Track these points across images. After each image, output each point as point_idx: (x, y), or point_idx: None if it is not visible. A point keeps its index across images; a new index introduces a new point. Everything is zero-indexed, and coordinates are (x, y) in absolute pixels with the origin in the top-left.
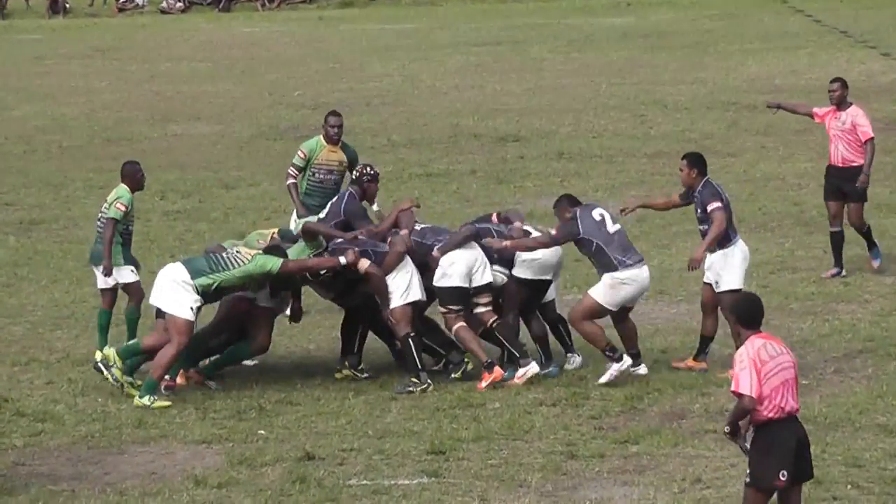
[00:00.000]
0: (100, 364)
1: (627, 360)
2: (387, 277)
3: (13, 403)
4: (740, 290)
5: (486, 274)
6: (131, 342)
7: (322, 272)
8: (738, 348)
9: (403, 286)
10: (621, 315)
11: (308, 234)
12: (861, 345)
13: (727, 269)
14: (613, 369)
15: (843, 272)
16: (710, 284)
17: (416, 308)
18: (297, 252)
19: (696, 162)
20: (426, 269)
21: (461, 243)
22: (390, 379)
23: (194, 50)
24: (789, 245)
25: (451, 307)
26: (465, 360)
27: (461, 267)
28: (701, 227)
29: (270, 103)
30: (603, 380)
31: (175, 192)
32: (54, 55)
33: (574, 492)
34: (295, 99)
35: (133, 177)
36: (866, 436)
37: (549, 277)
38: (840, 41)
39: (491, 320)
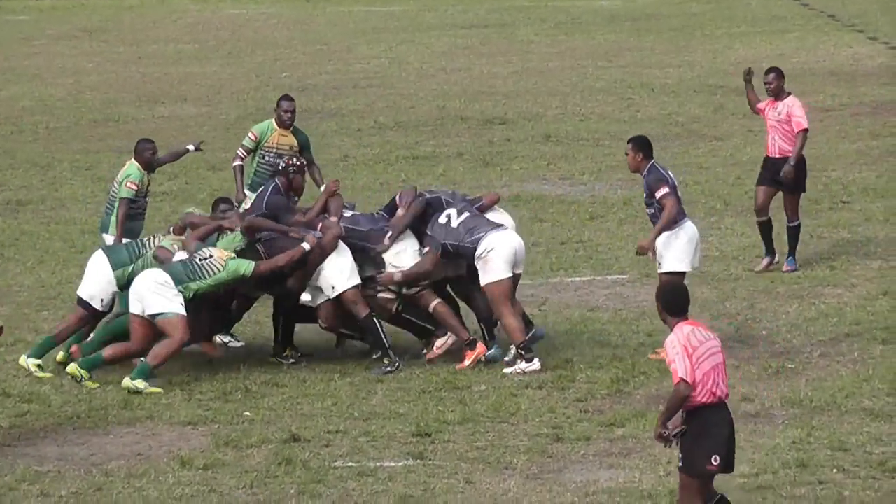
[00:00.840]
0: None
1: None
2: (328, 261)
3: None
4: (682, 272)
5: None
6: (94, 341)
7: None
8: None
9: (347, 269)
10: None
11: (251, 231)
12: (847, 328)
13: (669, 251)
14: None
15: (777, 259)
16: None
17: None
18: (226, 244)
19: (642, 146)
20: (364, 254)
21: (409, 224)
22: (375, 363)
23: (181, 31)
24: (775, 229)
25: (420, 284)
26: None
27: (415, 245)
28: (648, 211)
29: (257, 85)
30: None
31: (161, 173)
32: (41, 36)
33: (560, 474)
34: (282, 81)
35: (142, 154)
36: (852, 420)
37: (519, 271)
38: (827, 25)
39: (434, 302)
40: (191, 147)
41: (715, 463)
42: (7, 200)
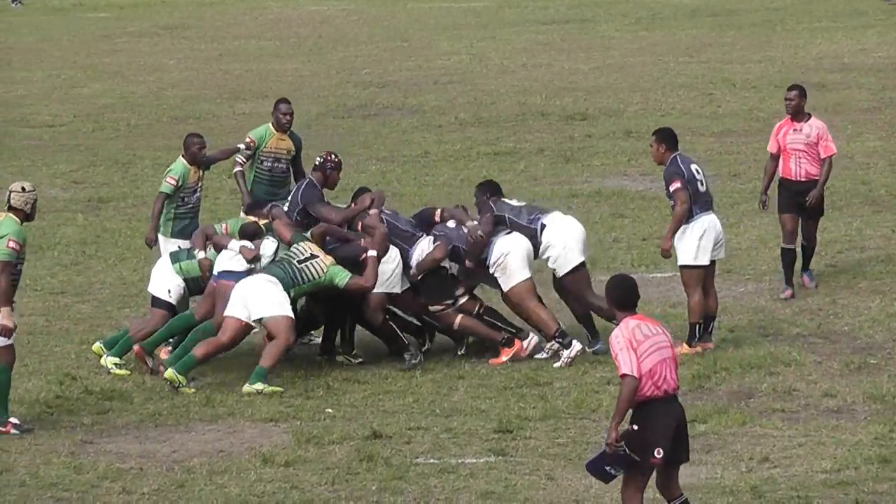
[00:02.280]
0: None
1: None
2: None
3: (81, 381)
4: (697, 266)
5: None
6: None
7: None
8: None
9: (388, 274)
10: None
11: (322, 239)
12: None
13: (681, 244)
14: (565, 356)
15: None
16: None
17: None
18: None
19: (666, 137)
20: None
21: (434, 266)
22: (457, 358)
23: (262, 28)
24: (857, 224)
25: (445, 303)
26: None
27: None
28: (670, 203)
29: (338, 82)
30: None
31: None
32: (123, 33)
33: None
34: (362, 77)
35: (188, 149)
36: None
37: (581, 259)
38: None
39: (476, 307)
40: (241, 146)
41: (658, 456)
42: (89, 198)
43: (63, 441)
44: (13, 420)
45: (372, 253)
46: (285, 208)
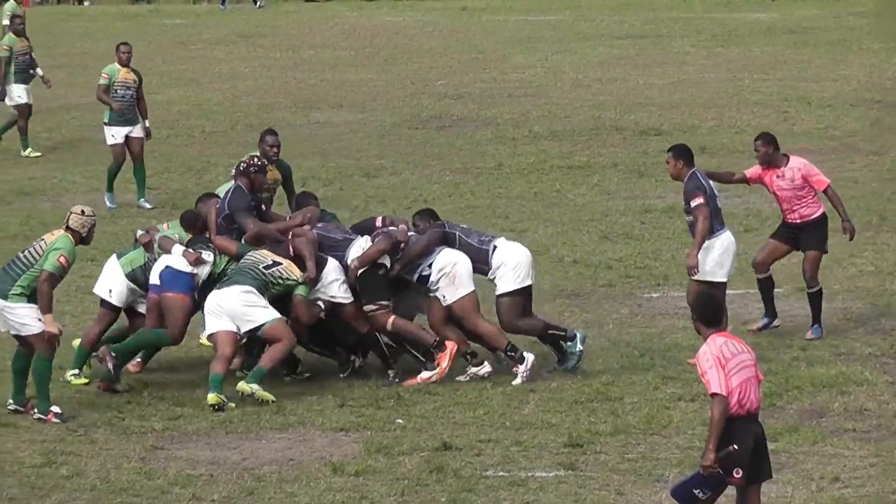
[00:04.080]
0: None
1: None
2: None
3: (153, 388)
4: (718, 283)
5: None
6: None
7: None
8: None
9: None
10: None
11: (257, 242)
12: None
13: (703, 261)
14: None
15: (777, 322)
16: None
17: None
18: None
19: (682, 153)
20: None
21: (378, 257)
22: (532, 370)
23: (338, 38)
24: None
25: (380, 303)
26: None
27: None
28: (687, 218)
29: (412, 92)
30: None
31: (316, 179)
32: (198, 40)
33: None
34: (437, 88)
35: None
36: None
37: (530, 282)
38: None
39: (390, 319)
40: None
41: (737, 476)
42: (163, 203)
43: (134, 446)
44: (55, 409)
45: (302, 250)
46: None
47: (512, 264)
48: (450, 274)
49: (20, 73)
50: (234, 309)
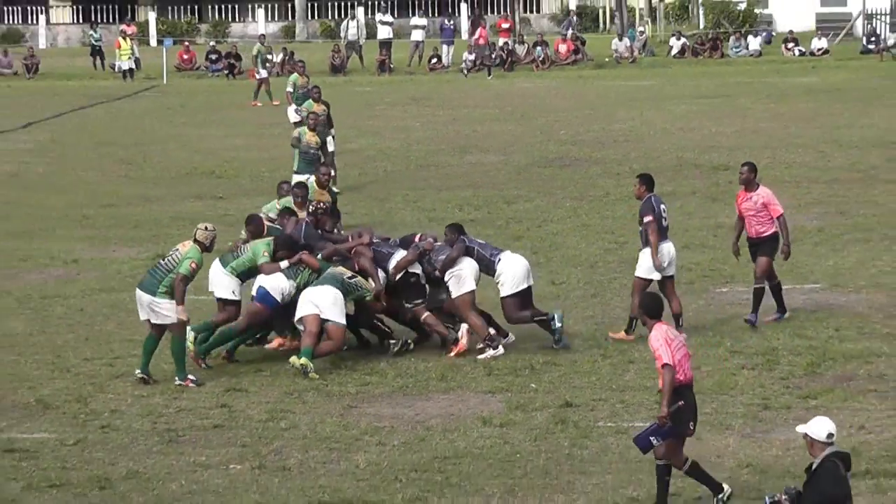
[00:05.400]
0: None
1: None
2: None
3: (347, 361)
4: (646, 279)
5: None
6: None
7: None
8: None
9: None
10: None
11: (329, 259)
12: None
13: (644, 261)
14: (490, 353)
15: (787, 314)
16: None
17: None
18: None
19: (646, 181)
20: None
21: (407, 266)
22: (631, 347)
23: (486, 99)
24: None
25: (416, 301)
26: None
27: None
28: (640, 228)
29: (541, 140)
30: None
31: (469, 205)
32: (381, 102)
33: (767, 434)
34: (560, 136)
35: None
36: None
37: (528, 284)
38: None
39: (424, 315)
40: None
41: (691, 428)
42: (354, 225)
43: (335, 405)
44: (191, 377)
45: (366, 266)
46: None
47: (510, 273)
48: (458, 276)
49: (308, 164)
50: (324, 301)
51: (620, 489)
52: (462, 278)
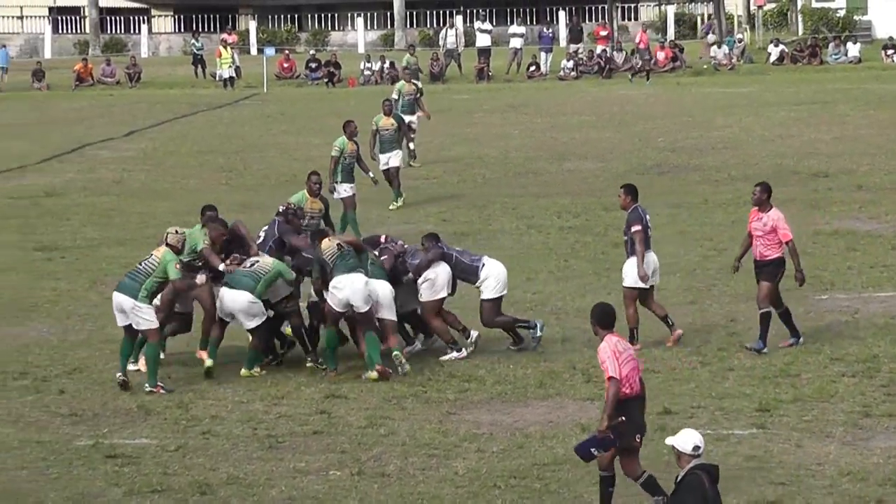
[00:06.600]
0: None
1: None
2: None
3: (444, 366)
4: (633, 288)
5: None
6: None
7: None
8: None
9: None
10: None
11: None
12: None
13: (627, 271)
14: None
15: (802, 340)
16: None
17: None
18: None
19: (631, 191)
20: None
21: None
22: (731, 354)
23: (583, 107)
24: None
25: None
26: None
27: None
28: (624, 238)
29: (639, 147)
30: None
31: (568, 213)
32: (479, 110)
33: (868, 442)
34: (658, 143)
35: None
36: None
37: (505, 292)
38: None
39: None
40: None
41: (638, 440)
42: (454, 232)
43: (434, 412)
44: (161, 384)
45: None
46: (261, 241)
47: (495, 278)
48: (431, 281)
49: (346, 174)
50: (383, 299)
51: (721, 497)
52: (435, 284)
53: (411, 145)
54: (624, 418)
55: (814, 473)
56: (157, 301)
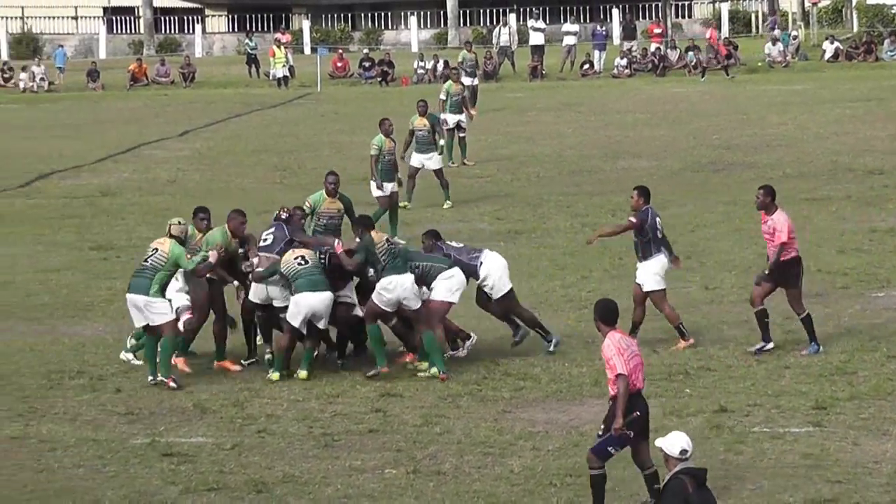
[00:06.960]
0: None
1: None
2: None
3: (501, 367)
4: (659, 290)
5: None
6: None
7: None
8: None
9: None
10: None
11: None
12: None
13: (645, 276)
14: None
15: (771, 345)
16: (639, 285)
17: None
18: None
19: (643, 193)
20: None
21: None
22: (787, 352)
23: (637, 105)
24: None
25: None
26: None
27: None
28: (634, 240)
29: (694, 144)
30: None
31: (622, 210)
32: (532, 108)
33: None
34: (713, 141)
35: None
36: None
37: (511, 285)
38: None
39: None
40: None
41: (630, 436)
42: (508, 230)
43: (489, 410)
44: (174, 376)
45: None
46: (269, 243)
47: (493, 277)
48: (449, 280)
49: (386, 173)
50: (408, 293)
51: (777, 494)
52: (451, 288)
53: (462, 141)
54: (638, 413)
55: (870, 471)
56: (176, 295)
